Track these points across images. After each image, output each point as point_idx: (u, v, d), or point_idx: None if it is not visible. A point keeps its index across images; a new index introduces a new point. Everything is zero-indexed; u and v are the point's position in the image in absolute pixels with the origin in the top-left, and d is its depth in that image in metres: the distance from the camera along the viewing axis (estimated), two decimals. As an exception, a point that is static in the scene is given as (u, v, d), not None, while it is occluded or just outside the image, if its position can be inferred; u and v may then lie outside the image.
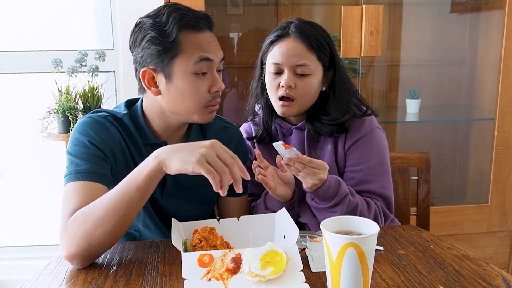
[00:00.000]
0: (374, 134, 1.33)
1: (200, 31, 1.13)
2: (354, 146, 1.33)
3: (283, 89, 1.29)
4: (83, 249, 0.99)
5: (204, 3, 1.94)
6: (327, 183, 1.21)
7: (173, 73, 1.12)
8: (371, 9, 2.05)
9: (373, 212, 1.29)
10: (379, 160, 1.33)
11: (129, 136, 1.20)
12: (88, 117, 1.18)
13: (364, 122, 1.34)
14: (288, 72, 1.29)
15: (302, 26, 1.30)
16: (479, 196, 2.50)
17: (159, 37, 1.10)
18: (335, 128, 1.32)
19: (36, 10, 2.25)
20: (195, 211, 1.26)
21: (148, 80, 1.14)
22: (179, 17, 1.11)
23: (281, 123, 1.41)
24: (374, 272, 0.98)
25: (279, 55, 1.29)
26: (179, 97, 1.14)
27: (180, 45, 1.11)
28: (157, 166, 0.99)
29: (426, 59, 2.63)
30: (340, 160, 1.35)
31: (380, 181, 1.32)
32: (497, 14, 2.33)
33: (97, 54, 2.00)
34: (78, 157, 1.11)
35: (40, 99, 2.10)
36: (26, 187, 2.45)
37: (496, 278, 0.95)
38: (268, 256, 0.88)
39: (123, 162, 1.18)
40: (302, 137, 1.38)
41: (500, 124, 2.29)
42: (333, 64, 1.34)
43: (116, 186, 1.02)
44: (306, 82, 1.29)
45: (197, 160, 0.94)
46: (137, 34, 1.14)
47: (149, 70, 1.13)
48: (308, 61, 1.28)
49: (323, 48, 1.30)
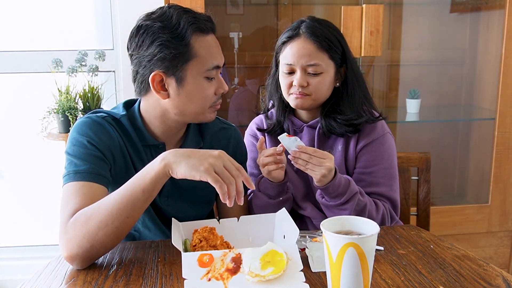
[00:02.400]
0: (386, 139, 1.36)
1: (208, 34, 1.13)
2: (365, 148, 1.35)
3: (296, 87, 1.32)
4: (84, 250, 0.99)
5: (204, 3, 1.94)
6: (337, 180, 1.23)
7: (185, 77, 1.12)
8: (371, 9, 2.05)
9: (381, 213, 1.31)
10: (389, 164, 1.35)
11: (127, 137, 1.20)
12: (87, 118, 1.18)
13: (376, 125, 1.36)
14: (300, 72, 1.31)
15: (312, 26, 1.31)
16: (479, 196, 2.50)
17: (173, 40, 1.08)
18: (348, 128, 1.34)
19: (36, 10, 2.25)
20: (193, 212, 1.26)
21: (157, 83, 1.12)
22: (191, 20, 1.10)
23: (293, 119, 1.42)
24: (374, 272, 0.98)
25: (290, 55, 1.32)
26: (188, 100, 1.14)
27: (193, 50, 1.10)
28: (164, 169, 0.99)
29: (426, 59, 2.63)
30: (350, 161, 1.37)
31: (389, 185, 1.35)
32: (497, 14, 2.33)
33: (97, 54, 2.00)
34: (77, 157, 1.11)
35: (40, 99, 2.10)
36: (26, 187, 2.45)
37: (496, 278, 0.95)
38: (268, 256, 0.88)
39: (122, 162, 1.18)
40: (313, 135, 1.39)
41: (500, 124, 2.29)
42: (345, 60, 1.35)
43: (120, 188, 1.02)
44: (318, 80, 1.31)
45: (205, 169, 0.96)
46: (143, 37, 1.10)
47: (159, 73, 1.11)
48: (319, 60, 1.30)
49: (334, 46, 1.32)
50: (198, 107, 1.16)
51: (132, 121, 1.21)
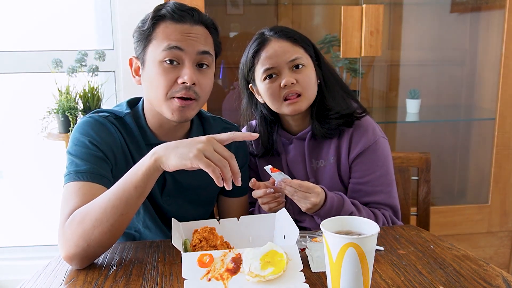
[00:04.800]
0: (378, 145, 1.32)
1: (179, 22, 1.13)
2: (359, 158, 1.31)
3: (285, 89, 1.27)
4: (81, 249, 0.99)
5: (204, 3, 1.94)
6: (328, 204, 1.20)
7: (146, 60, 1.15)
8: (371, 9, 2.05)
9: (381, 223, 1.29)
10: (385, 170, 1.32)
11: (130, 136, 1.20)
12: (89, 117, 1.18)
13: (367, 132, 1.32)
14: (284, 70, 1.27)
15: (276, 28, 1.31)
16: (479, 196, 2.50)
17: (141, 27, 1.16)
18: (341, 121, 1.31)
19: (36, 10, 2.25)
20: (195, 212, 1.26)
21: (135, 69, 1.21)
22: (158, 8, 1.15)
23: (281, 133, 1.39)
24: (374, 272, 0.98)
25: (268, 59, 1.27)
26: (149, 84, 1.16)
27: (153, 34, 1.13)
28: (154, 163, 0.98)
29: (426, 59, 2.63)
30: (343, 171, 1.34)
31: (387, 192, 1.32)
32: (497, 14, 2.33)
33: (97, 54, 2.00)
34: (78, 157, 1.11)
35: (40, 99, 2.10)
36: (26, 187, 2.45)
37: (496, 278, 0.95)
38: (268, 256, 0.88)
39: (124, 163, 1.18)
40: (302, 147, 1.36)
41: (500, 124, 2.29)
42: (318, 56, 1.34)
43: (114, 185, 1.02)
44: (305, 74, 1.28)
45: (195, 155, 0.93)
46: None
47: (134, 59, 1.20)
48: (298, 54, 1.28)
49: (305, 42, 1.31)
50: (158, 94, 1.13)
51: (136, 119, 1.21)
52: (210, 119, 1.32)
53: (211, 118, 1.33)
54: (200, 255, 0.89)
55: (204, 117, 1.31)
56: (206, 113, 1.33)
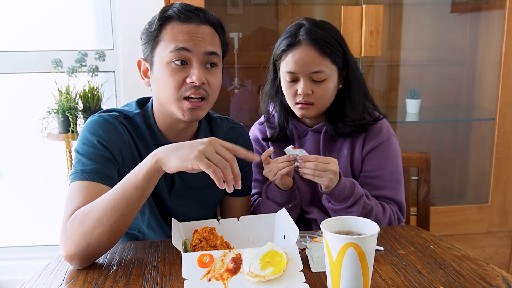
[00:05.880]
0: (391, 142, 1.36)
1: (185, 22, 1.13)
2: (372, 152, 1.35)
3: (300, 96, 1.30)
4: (82, 249, 0.99)
5: (204, 3, 1.94)
6: (342, 184, 1.23)
7: (154, 62, 1.15)
8: (371, 9, 2.05)
9: (388, 216, 1.31)
10: (395, 167, 1.36)
11: (139, 136, 1.20)
12: (99, 116, 1.17)
13: (382, 128, 1.36)
14: (304, 80, 1.29)
15: (312, 31, 1.29)
16: (479, 196, 2.50)
17: (148, 28, 1.16)
18: (355, 128, 1.34)
19: (36, 10, 2.25)
20: (202, 212, 1.26)
21: (144, 71, 1.21)
22: (165, 9, 1.15)
23: (297, 124, 1.41)
24: (374, 272, 0.98)
25: (293, 64, 1.29)
26: (158, 86, 1.16)
27: (160, 35, 1.13)
28: (155, 165, 0.98)
29: (426, 59, 2.63)
30: (356, 164, 1.37)
31: (395, 188, 1.35)
32: (497, 14, 2.33)
33: (97, 54, 2.00)
34: (85, 156, 1.11)
35: (40, 99, 2.10)
36: (26, 187, 2.45)
37: (496, 278, 0.95)
38: (268, 256, 0.88)
39: (131, 163, 1.16)
40: (318, 140, 1.38)
41: (500, 124, 2.29)
42: (346, 62, 1.34)
43: (115, 186, 1.02)
44: (322, 88, 1.30)
45: (195, 157, 0.94)
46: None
47: (142, 61, 1.20)
48: (322, 67, 1.28)
49: (335, 50, 1.30)
50: (167, 95, 1.14)
51: (146, 119, 1.21)
52: (218, 119, 1.32)
53: (218, 118, 1.33)
54: (200, 255, 0.89)
55: (211, 117, 1.32)
56: (213, 113, 1.34)
